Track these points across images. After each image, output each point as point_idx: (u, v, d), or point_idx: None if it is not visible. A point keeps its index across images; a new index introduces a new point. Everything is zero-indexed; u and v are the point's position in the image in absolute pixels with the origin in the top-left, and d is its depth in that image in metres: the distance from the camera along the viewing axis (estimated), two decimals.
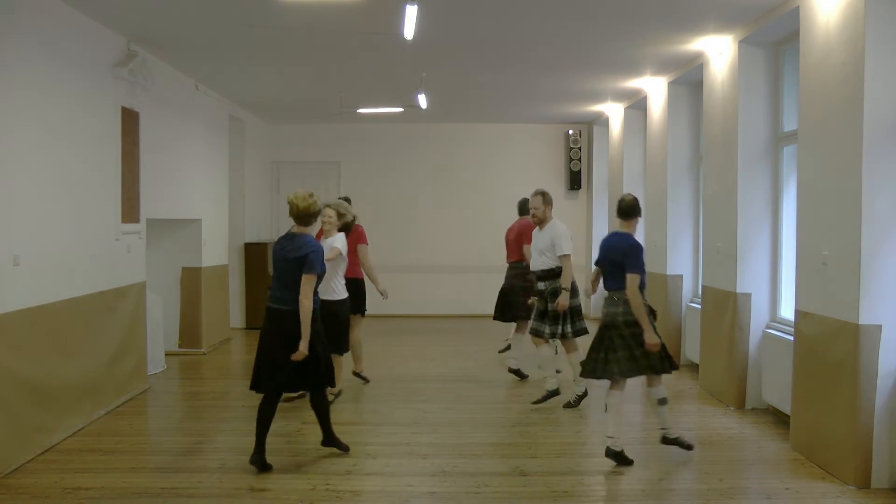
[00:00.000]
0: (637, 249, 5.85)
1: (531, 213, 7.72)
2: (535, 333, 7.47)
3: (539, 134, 14.43)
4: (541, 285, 7.44)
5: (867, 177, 5.28)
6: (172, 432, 6.78)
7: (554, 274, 7.38)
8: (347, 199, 8.70)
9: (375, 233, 9.98)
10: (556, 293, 7.30)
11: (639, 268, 5.75)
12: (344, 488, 5.28)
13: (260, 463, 5.56)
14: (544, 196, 7.59)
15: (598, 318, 6.09)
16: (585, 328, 7.49)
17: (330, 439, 5.99)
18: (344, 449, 5.98)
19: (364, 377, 8.41)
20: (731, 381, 7.45)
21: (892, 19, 5.24)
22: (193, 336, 10.12)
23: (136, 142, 7.98)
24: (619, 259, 5.85)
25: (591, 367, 5.92)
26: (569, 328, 7.31)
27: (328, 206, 7.27)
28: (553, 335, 7.35)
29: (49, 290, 6.23)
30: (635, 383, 8.92)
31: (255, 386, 5.77)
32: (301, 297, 5.49)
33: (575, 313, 7.40)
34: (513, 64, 9.13)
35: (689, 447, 5.94)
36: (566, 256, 7.37)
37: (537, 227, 7.62)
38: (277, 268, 5.72)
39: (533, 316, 7.57)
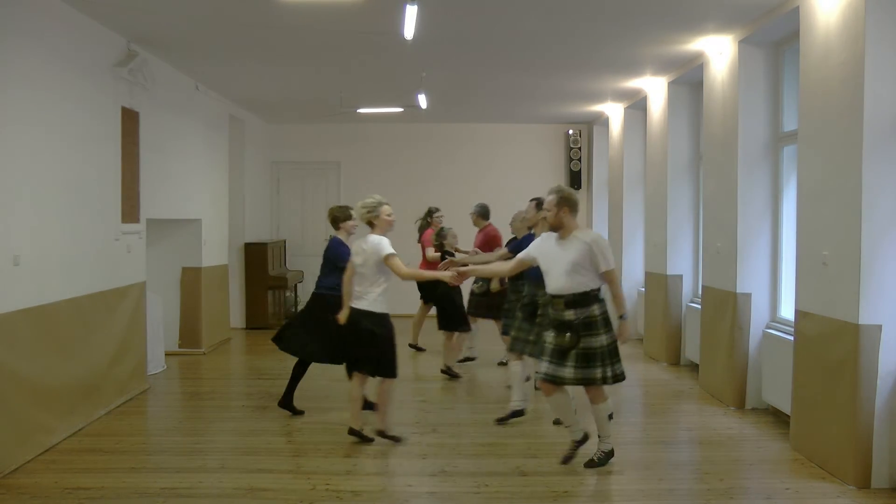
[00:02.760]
0: None
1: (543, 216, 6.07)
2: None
3: (539, 134, 14.43)
4: (570, 314, 5.54)
5: (867, 177, 5.28)
6: (172, 432, 6.78)
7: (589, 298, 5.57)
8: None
9: None
10: (590, 325, 5.51)
11: None
12: (344, 488, 5.27)
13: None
14: (559, 195, 5.65)
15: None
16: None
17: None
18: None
19: None
20: (731, 381, 7.45)
21: (892, 19, 5.24)
22: (193, 336, 10.12)
23: (136, 142, 7.98)
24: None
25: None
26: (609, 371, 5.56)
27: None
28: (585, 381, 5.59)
29: (49, 290, 6.23)
30: (637, 382, 8.94)
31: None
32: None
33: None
34: (513, 64, 9.13)
35: None
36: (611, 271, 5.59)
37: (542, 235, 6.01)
38: None
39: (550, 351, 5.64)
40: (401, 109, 11.93)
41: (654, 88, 10.14)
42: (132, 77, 7.71)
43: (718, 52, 7.84)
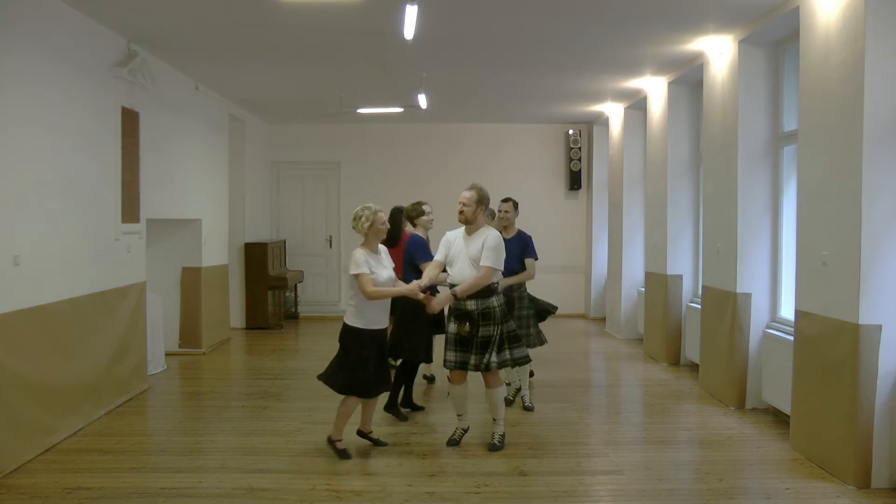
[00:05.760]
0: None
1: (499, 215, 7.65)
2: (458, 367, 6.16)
3: (539, 134, 14.44)
4: (471, 305, 6.06)
5: (867, 177, 5.28)
6: (172, 432, 6.78)
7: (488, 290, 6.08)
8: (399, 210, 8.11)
9: None
10: (487, 315, 6.06)
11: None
12: (344, 488, 5.28)
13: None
14: (479, 192, 6.34)
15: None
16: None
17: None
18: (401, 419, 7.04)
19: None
20: (731, 381, 7.45)
21: (892, 19, 5.24)
22: (193, 336, 10.12)
23: (136, 142, 7.99)
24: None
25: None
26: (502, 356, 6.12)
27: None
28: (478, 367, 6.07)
29: (49, 290, 6.23)
30: (637, 382, 8.94)
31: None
32: None
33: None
34: (513, 64, 9.13)
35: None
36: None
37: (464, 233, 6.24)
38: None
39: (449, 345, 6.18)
40: (401, 109, 11.92)
41: (654, 88, 10.14)
42: (132, 77, 7.71)
43: (718, 52, 7.84)
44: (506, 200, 7.60)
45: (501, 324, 6.08)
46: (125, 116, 7.71)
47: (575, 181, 14.31)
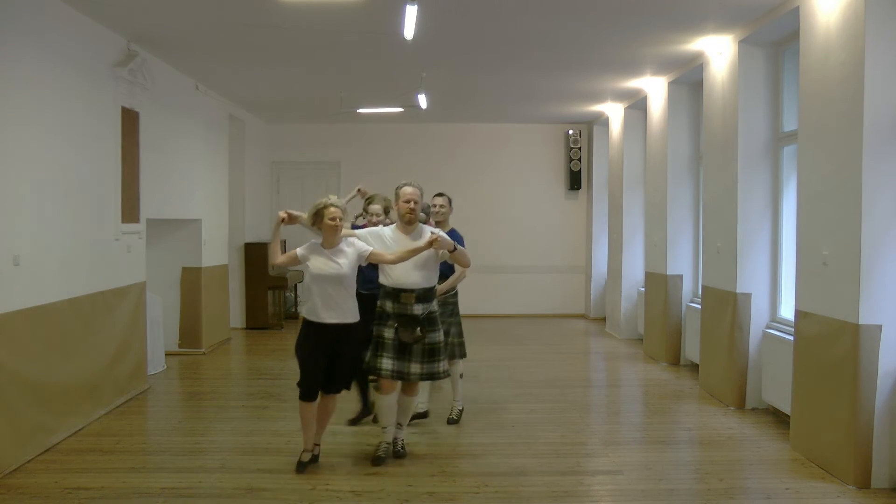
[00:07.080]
0: None
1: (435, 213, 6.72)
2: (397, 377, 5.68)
3: (539, 134, 14.44)
4: (417, 309, 5.67)
5: (867, 177, 5.28)
6: (172, 432, 6.78)
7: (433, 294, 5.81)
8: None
9: None
10: (433, 320, 5.72)
11: None
12: (344, 488, 5.28)
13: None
14: (421, 190, 5.85)
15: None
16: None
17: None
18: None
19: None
20: (731, 381, 7.46)
21: (892, 19, 5.24)
22: (193, 336, 10.12)
23: (136, 142, 7.98)
24: None
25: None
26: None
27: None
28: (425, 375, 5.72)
29: (49, 290, 6.23)
30: (637, 382, 8.95)
31: None
32: None
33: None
34: (513, 64, 9.13)
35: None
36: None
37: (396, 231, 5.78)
38: None
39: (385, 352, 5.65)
40: (401, 109, 11.92)
41: (654, 88, 10.14)
42: (132, 77, 7.71)
43: (718, 52, 7.84)
44: (440, 195, 6.83)
45: (441, 329, 5.76)
46: (125, 116, 7.71)
47: (575, 181, 14.31)
